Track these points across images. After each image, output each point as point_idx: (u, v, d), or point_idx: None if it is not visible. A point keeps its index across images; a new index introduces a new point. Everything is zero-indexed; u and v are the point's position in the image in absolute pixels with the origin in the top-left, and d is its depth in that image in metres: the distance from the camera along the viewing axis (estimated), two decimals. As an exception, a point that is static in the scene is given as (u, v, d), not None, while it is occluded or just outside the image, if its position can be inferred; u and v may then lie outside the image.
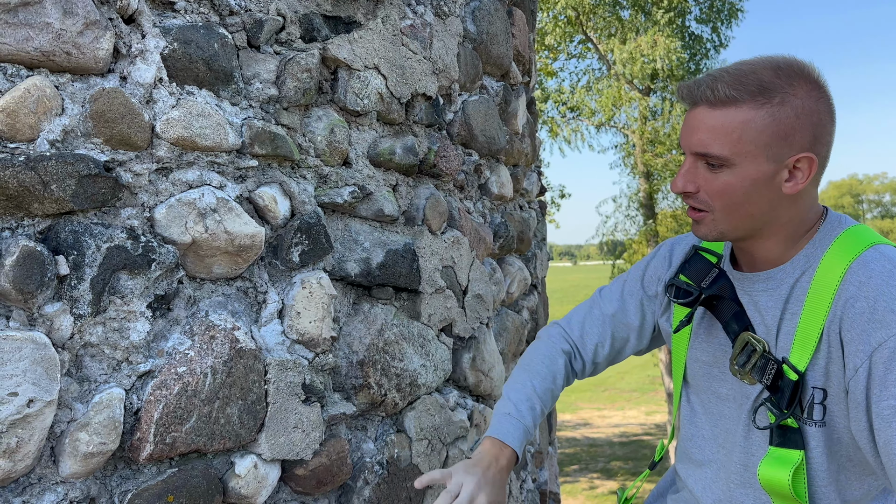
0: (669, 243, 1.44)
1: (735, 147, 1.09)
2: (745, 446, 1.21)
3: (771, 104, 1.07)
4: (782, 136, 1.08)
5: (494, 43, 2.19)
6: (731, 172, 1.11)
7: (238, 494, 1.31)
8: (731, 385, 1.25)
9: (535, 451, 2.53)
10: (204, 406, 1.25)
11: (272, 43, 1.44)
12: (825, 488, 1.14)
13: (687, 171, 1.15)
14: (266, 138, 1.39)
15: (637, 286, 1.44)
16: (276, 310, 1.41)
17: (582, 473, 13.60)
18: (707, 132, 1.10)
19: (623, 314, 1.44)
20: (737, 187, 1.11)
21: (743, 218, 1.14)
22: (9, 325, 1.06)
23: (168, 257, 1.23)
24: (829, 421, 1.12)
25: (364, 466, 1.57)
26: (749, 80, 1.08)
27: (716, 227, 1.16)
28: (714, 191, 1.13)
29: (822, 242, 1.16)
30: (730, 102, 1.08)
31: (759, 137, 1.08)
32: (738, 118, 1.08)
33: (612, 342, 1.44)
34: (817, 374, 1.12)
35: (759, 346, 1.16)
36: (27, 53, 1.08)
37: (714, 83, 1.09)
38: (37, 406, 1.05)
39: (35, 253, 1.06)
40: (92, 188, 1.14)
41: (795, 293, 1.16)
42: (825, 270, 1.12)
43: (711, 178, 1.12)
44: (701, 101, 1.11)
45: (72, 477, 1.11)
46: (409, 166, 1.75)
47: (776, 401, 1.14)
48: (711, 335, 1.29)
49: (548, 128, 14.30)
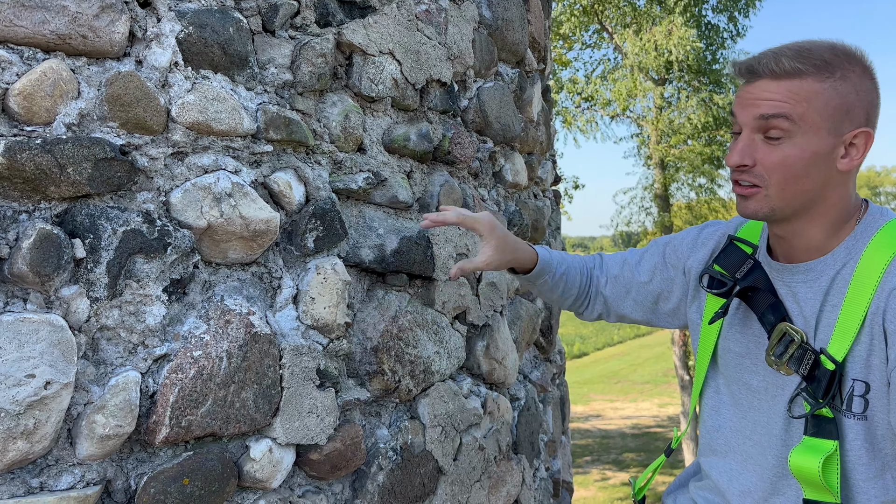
0: (699, 227, 1.44)
1: (801, 117, 1.08)
2: (785, 438, 1.19)
3: (833, 78, 1.08)
4: (844, 110, 1.08)
5: (510, 29, 2.17)
6: (793, 144, 1.09)
7: (253, 478, 1.31)
8: (764, 376, 1.23)
9: (548, 440, 2.52)
10: (219, 390, 1.26)
11: (287, 27, 1.44)
12: (865, 483, 1.12)
13: (745, 144, 1.13)
14: (281, 123, 1.38)
15: (657, 252, 1.46)
16: (291, 295, 1.42)
17: (594, 465, 13.60)
18: (772, 102, 1.09)
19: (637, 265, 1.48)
20: (797, 159, 1.10)
21: (797, 194, 1.12)
22: (26, 307, 1.06)
23: (184, 242, 1.23)
24: (871, 415, 1.10)
25: (378, 452, 1.58)
26: (811, 54, 1.08)
27: (768, 203, 1.14)
28: (772, 163, 1.11)
29: (864, 234, 1.14)
30: (794, 74, 1.08)
31: (823, 109, 1.08)
32: (803, 88, 1.08)
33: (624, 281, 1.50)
34: (858, 365, 1.10)
35: (797, 337, 1.15)
36: (43, 36, 1.08)
37: (777, 56, 1.09)
38: (54, 388, 1.06)
39: (52, 236, 1.06)
40: (108, 172, 1.14)
41: (836, 285, 1.14)
42: (867, 262, 1.11)
43: (770, 150, 1.11)
44: (764, 73, 1.11)
45: (88, 459, 1.12)
46: (423, 153, 1.74)
47: (812, 390, 1.13)
48: (745, 326, 1.27)
49: (561, 118, 14.23)
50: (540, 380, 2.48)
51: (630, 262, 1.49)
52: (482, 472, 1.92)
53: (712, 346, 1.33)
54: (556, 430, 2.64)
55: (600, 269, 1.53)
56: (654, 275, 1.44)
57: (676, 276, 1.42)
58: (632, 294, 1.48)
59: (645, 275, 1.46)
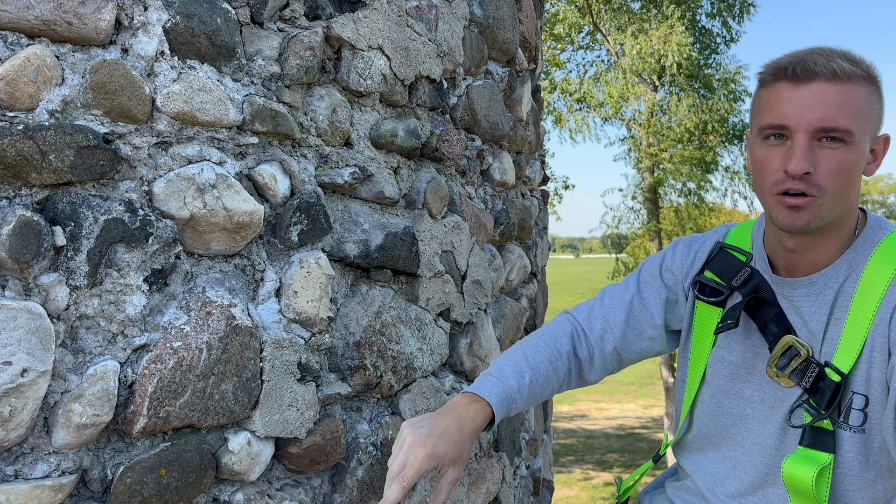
0: (686, 240, 1.38)
1: (858, 122, 1.07)
2: (779, 447, 1.19)
3: (872, 85, 1.10)
4: (878, 117, 1.12)
5: (501, 28, 2.17)
6: (849, 150, 1.07)
7: (231, 471, 1.31)
8: (760, 386, 1.23)
9: (529, 437, 2.53)
10: (199, 381, 1.25)
11: (276, 20, 1.43)
12: (854, 493, 1.13)
13: (806, 150, 1.06)
14: (267, 116, 1.38)
15: (655, 277, 1.37)
16: (274, 288, 1.41)
17: (577, 464, 13.66)
18: (833, 106, 1.06)
19: (640, 302, 1.35)
20: (852, 166, 1.08)
21: (844, 202, 1.10)
22: (4, 294, 1.05)
23: (166, 232, 1.22)
24: (869, 428, 1.11)
25: (358, 447, 1.58)
26: (858, 60, 1.10)
27: (821, 213, 1.08)
28: (831, 170, 1.07)
29: (865, 247, 1.14)
30: (847, 79, 1.07)
31: (871, 116, 1.10)
32: (858, 94, 1.08)
33: (626, 331, 1.35)
34: (859, 378, 1.11)
35: (802, 351, 1.14)
36: (28, 22, 1.07)
37: (830, 59, 1.07)
38: (31, 376, 1.05)
39: (32, 223, 1.06)
40: (90, 160, 1.13)
41: (841, 299, 1.14)
42: (870, 276, 1.11)
43: (828, 156, 1.07)
44: (820, 75, 1.07)
45: (64, 448, 1.12)
46: (411, 149, 1.74)
47: (815, 402, 1.13)
48: (744, 336, 1.26)
49: (553, 118, 14.25)
50: (523, 378, 2.48)
51: (632, 301, 1.36)
52: (462, 469, 1.93)
53: (707, 354, 1.32)
54: (538, 428, 2.65)
55: (581, 336, 1.37)
56: (665, 308, 1.36)
57: (679, 296, 1.37)
58: (647, 332, 1.37)
59: (658, 315, 1.36)
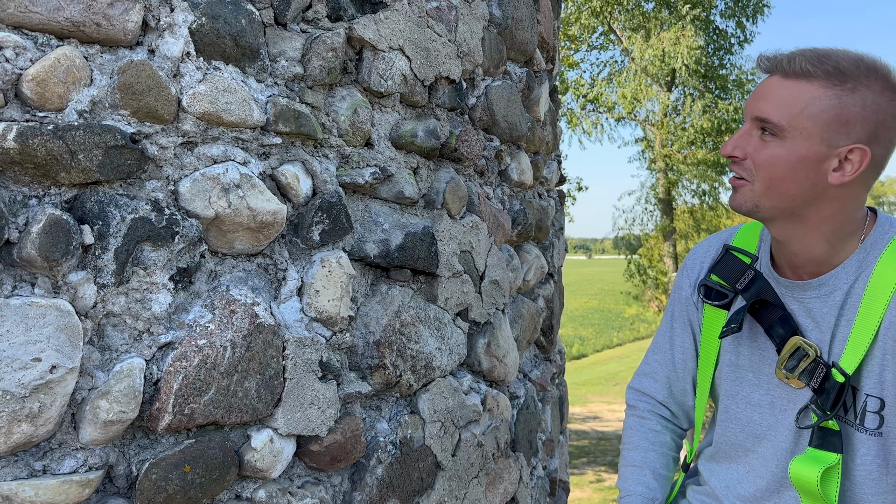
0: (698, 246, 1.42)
1: (794, 119, 1.07)
2: (794, 451, 1.19)
3: (841, 88, 1.06)
4: (842, 122, 1.06)
5: (519, 28, 2.18)
6: (781, 145, 1.09)
7: (254, 468, 1.32)
8: (768, 390, 1.22)
9: (546, 438, 2.53)
10: (223, 379, 1.26)
11: (299, 21, 1.45)
12: (874, 497, 1.13)
13: (741, 136, 1.14)
14: (290, 116, 1.39)
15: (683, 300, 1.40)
16: (296, 287, 1.42)
17: (590, 466, 13.61)
18: (772, 99, 1.10)
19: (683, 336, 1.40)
20: (782, 161, 1.09)
21: (781, 196, 1.12)
22: (34, 291, 1.07)
23: (191, 231, 1.24)
24: (887, 432, 1.10)
25: (377, 445, 1.58)
26: (828, 60, 1.08)
27: (752, 198, 1.14)
28: (759, 160, 1.11)
29: (875, 247, 1.14)
30: (802, 76, 1.08)
31: (819, 116, 1.07)
32: (806, 92, 1.07)
33: (685, 372, 1.40)
34: (871, 381, 1.10)
35: (810, 352, 1.14)
36: (57, 23, 1.09)
37: (793, 56, 1.10)
38: (59, 372, 1.07)
39: (61, 221, 1.07)
40: (118, 159, 1.14)
41: (851, 299, 1.14)
42: (879, 275, 1.11)
43: (761, 146, 1.11)
44: (776, 70, 1.11)
45: (91, 444, 1.13)
46: (430, 149, 1.75)
47: (821, 402, 1.13)
48: (750, 339, 1.26)
49: (566, 119, 14.22)
50: (540, 378, 2.48)
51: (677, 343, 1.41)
52: (480, 468, 1.93)
53: (714, 359, 1.32)
54: (554, 429, 2.65)
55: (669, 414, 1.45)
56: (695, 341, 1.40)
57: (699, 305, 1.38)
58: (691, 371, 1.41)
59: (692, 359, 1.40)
